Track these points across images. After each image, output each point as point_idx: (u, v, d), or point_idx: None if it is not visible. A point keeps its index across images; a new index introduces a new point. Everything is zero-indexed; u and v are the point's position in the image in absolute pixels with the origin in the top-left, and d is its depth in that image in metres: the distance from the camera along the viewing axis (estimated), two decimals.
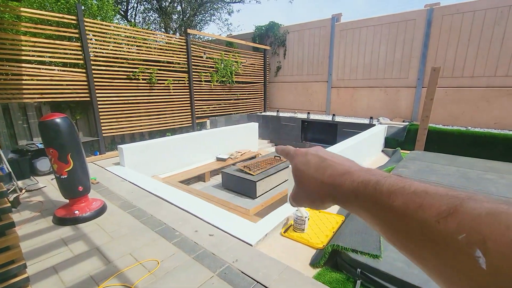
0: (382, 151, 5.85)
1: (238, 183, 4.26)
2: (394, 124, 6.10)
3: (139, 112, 5.58)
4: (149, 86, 5.63)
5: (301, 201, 0.38)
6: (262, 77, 8.73)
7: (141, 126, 5.66)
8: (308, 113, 7.59)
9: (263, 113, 8.49)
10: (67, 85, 4.54)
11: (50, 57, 4.44)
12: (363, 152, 4.89)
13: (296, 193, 0.39)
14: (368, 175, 0.30)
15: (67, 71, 4.54)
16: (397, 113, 6.85)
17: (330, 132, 6.84)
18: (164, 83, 5.87)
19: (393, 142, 5.83)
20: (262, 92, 8.87)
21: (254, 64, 8.38)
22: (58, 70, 4.46)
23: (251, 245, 2.19)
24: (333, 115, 7.16)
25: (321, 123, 7.08)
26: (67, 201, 2.73)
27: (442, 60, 6.03)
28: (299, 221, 2.43)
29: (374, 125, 6.08)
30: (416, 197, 0.24)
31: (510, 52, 5.32)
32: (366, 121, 6.44)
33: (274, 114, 8.16)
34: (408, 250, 0.25)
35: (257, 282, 1.78)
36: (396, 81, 6.76)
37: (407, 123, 5.95)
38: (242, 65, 7.88)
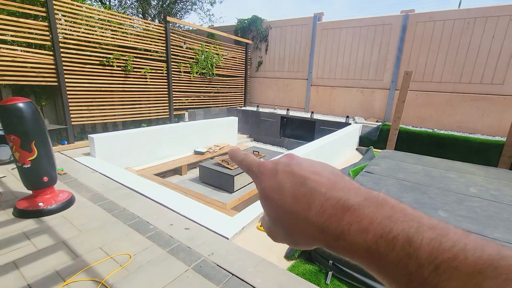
0: (357, 149, 6.10)
1: (216, 177, 4.23)
2: (368, 123, 6.37)
3: (113, 101, 5.30)
4: (124, 74, 5.36)
5: (278, 238, 0.28)
6: (243, 71, 8.67)
7: (114, 115, 5.39)
8: (288, 109, 7.69)
9: (243, 108, 8.46)
10: (31, 67, 4.19)
11: (12, 36, 4.06)
12: (339, 150, 5.07)
13: (270, 228, 0.28)
14: (387, 220, 0.20)
15: (32, 52, 4.18)
16: (371, 113, 7.15)
17: (308, 129, 6.99)
18: (140, 72, 5.62)
19: (366, 141, 6.09)
20: (243, 86, 8.82)
21: (236, 58, 8.29)
22: (21, 51, 4.10)
23: (227, 238, 2.19)
24: (312, 112, 7.32)
25: (300, 120, 7.21)
26: (30, 192, 2.55)
27: (414, 64, 6.37)
28: None
29: (350, 124, 6.31)
30: (484, 281, 0.15)
31: (474, 61, 5.75)
32: (343, 120, 6.66)
33: (254, 109, 8.16)
34: None
35: (233, 274, 1.79)
36: (371, 83, 7.03)
37: (380, 123, 6.24)
38: (223, 58, 7.76)
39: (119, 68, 5.25)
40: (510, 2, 5.32)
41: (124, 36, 5.27)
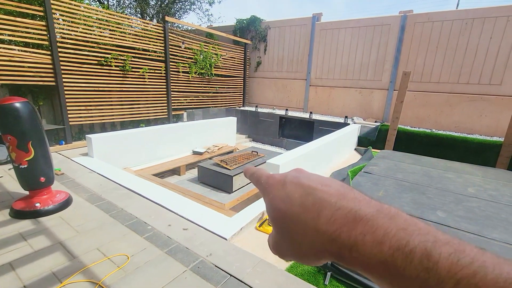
0: (355, 149, 6.10)
1: (215, 177, 4.22)
2: (367, 124, 6.38)
3: (111, 101, 5.28)
4: (123, 73, 5.34)
5: (285, 254, 0.27)
6: (242, 72, 8.66)
7: (112, 115, 5.37)
8: (286, 109, 7.69)
9: (241, 108, 8.45)
10: (29, 67, 4.16)
11: (9, 35, 4.04)
12: (338, 150, 5.07)
13: (277, 242, 0.27)
14: (402, 232, 0.19)
15: (30, 52, 4.16)
16: (370, 114, 7.16)
17: (307, 129, 6.99)
18: (139, 72, 5.60)
19: (365, 141, 6.10)
20: (242, 86, 8.81)
21: (234, 58, 8.28)
22: (18, 51, 4.07)
23: (225, 239, 2.18)
24: (311, 112, 7.32)
25: (298, 120, 7.20)
26: (27, 193, 2.53)
27: (413, 65, 6.38)
28: None
29: (349, 124, 6.31)
30: None
31: (472, 62, 5.76)
32: (341, 120, 6.66)
33: (253, 109, 8.16)
34: None
35: (231, 275, 1.78)
36: (370, 83, 7.04)
37: (378, 124, 6.25)
38: (222, 58, 7.75)
39: (117, 68, 5.23)
40: (508, 3, 5.35)
41: (122, 36, 5.25)
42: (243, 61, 8.58)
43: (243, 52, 8.51)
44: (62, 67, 4.45)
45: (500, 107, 5.60)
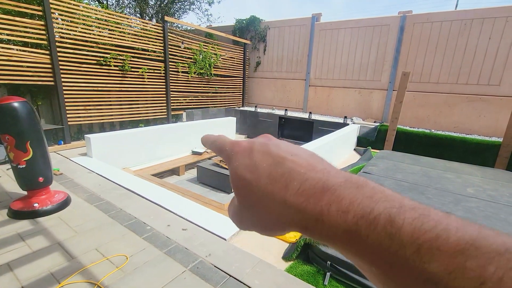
0: (354, 149, 6.10)
1: (214, 177, 4.21)
2: (366, 124, 6.38)
3: (110, 101, 5.27)
4: (122, 73, 5.33)
5: (246, 225, 0.26)
6: (241, 72, 8.66)
7: (111, 115, 5.35)
8: (286, 110, 7.69)
9: (241, 108, 8.44)
10: (27, 67, 4.15)
11: (8, 35, 4.02)
12: (337, 150, 5.07)
13: (238, 213, 0.26)
14: (367, 199, 0.19)
15: (28, 51, 4.14)
16: (369, 114, 7.17)
17: (306, 129, 6.99)
18: (138, 72, 5.59)
19: (364, 141, 6.10)
20: (241, 86, 8.80)
21: (234, 58, 8.27)
22: (17, 50, 4.05)
23: (225, 239, 2.18)
24: (310, 113, 7.32)
25: (298, 120, 7.20)
26: (25, 193, 2.52)
27: (412, 65, 6.39)
28: None
29: (348, 124, 6.31)
30: (465, 260, 0.14)
31: (470, 62, 5.78)
32: (341, 120, 6.66)
33: (252, 109, 8.15)
34: None
35: (230, 276, 1.78)
36: (369, 83, 7.05)
37: (378, 124, 6.26)
38: (222, 58, 7.74)
39: (117, 68, 5.22)
40: (507, 3, 5.36)
41: (121, 36, 5.24)
42: (242, 61, 8.58)
43: (242, 52, 8.51)
44: (61, 67, 4.44)
45: (498, 108, 5.61)
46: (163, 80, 6.14)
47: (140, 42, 5.55)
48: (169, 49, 6.11)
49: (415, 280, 0.16)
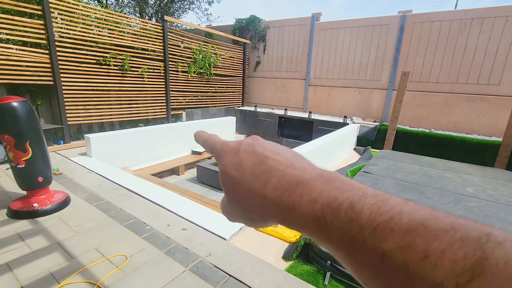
0: (354, 149, 6.10)
1: (214, 177, 4.21)
2: (366, 124, 6.38)
3: (110, 100, 5.26)
4: (121, 73, 5.32)
5: (235, 217, 0.29)
6: (241, 71, 8.65)
7: (111, 115, 5.35)
8: (286, 109, 7.68)
9: (241, 108, 8.44)
10: (27, 66, 4.14)
11: (7, 34, 4.01)
12: (337, 150, 5.07)
13: (227, 206, 0.29)
14: (334, 190, 0.21)
15: (28, 51, 4.13)
16: (369, 114, 7.16)
17: (306, 129, 6.99)
18: (137, 71, 5.58)
19: (364, 141, 6.10)
20: (241, 86, 8.80)
21: (234, 58, 8.27)
22: (16, 49, 4.04)
23: (225, 239, 2.17)
24: (310, 112, 7.32)
25: (297, 120, 7.20)
26: (25, 192, 2.51)
27: (412, 65, 6.39)
28: None
29: (348, 124, 6.31)
30: (415, 237, 0.16)
31: (470, 62, 5.78)
32: (341, 120, 6.66)
33: (252, 109, 8.15)
34: None
35: (230, 275, 1.78)
36: (369, 83, 7.05)
37: (377, 124, 6.25)
38: (221, 58, 7.73)
39: (116, 67, 5.21)
40: (506, 3, 5.36)
41: (121, 35, 5.23)
42: (242, 60, 8.57)
43: (242, 51, 8.50)
44: (60, 66, 4.43)
45: (498, 107, 5.61)
46: (163, 80, 6.13)
47: (139, 42, 5.54)
48: (169, 49, 6.10)
49: (372, 257, 0.17)
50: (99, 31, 4.97)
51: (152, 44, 5.79)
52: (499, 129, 5.48)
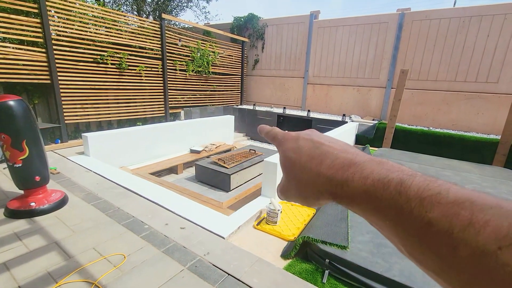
0: None
1: (212, 176, 4.20)
2: (365, 122, 6.38)
3: (107, 99, 5.24)
4: (119, 71, 5.29)
5: (290, 196, 0.32)
6: (240, 70, 8.63)
7: (109, 114, 5.32)
8: (284, 108, 7.67)
9: (239, 106, 8.42)
10: (23, 65, 4.11)
11: (3, 32, 3.98)
12: None
13: (284, 186, 0.33)
14: (385, 170, 0.23)
15: (24, 49, 4.10)
16: (367, 112, 7.16)
17: (305, 128, 6.79)
18: (135, 70, 5.55)
19: (363, 139, 6.10)
20: (239, 84, 8.77)
21: (232, 56, 8.24)
22: (13, 48, 4.01)
23: (223, 237, 2.17)
24: (308, 111, 7.31)
25: (296, 118, 7.19)
26: (22, 192, 2.50)
27: (410, 63, 6.39)
28: (272, 214, 2.45)
29: (346, 122, 6.31)
30: (460, 209, 0.18)
31: (469, 60, 5.78)
32: (339, 118, 6.66)
33: (251, 107, 8.13)
34: (448, 281, 0.18)
35: (228, 274, 1.77)
36: (368, 81, 7.04)
37: (376, 122, 6.26)
38: (220, 56, 7.71)
39: (114, 66, 5.19)
40: (505, 1, 5.35)
41: (118, 34, 5.20)
42: (240, 59, 8.54)
43: (240, 50, 8.47)
44: (57, 65, 4.41)
45: (497, 105, 5.62)
46: (161, 78, 6.11)
47: (137, 40, 5.52)
48: (167, 47, 6.07)
49: (418, 224, 0.19)
50: (96, 29, 4.94)
51: (150, 43, 5.76)
52: (498, 127, 5.49)
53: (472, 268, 0.16)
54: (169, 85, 6.29)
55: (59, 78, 4.46)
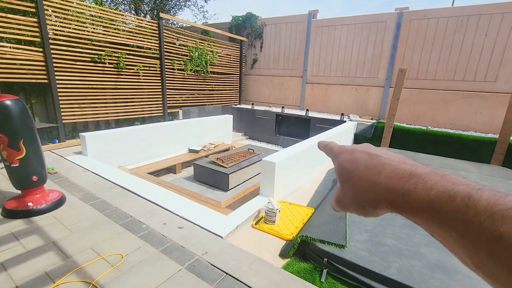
0: None
1: (211, 175, 4.20)
2: (363, 121, 6.39)
3: (105, 98, 5.22)
4: (117, 71, 5.28)
5: (347, 205, 0.32)
6: (238, 69, 8.62)
7: (107, 113, 5.31)
8: (283, 107, 7.67)
9: (238, 106, 8.41)
10: (21, 64, 4.09)
11: (1, 32, 3.95)
12: None
13: (340, 195, 0.33)
14: (450, 183, 0.23)
15: (21, 49, 4.08)
16: (366, 111, 7.17)
17: (303, 127, 6.99)
18: (133, 69, 5.53)
19: (361, 138, 6.11)
20: (238, 84, 8.76)
21: (230, 55, 8.23)
22: (10, 47, 3.99)
23: (221, 237, 2.17)
24: (307, 110, 7.31)
25: (295, 118, 7.19)
26: (19, 192, 2.49)
27: (409, 62, 6.40)
28: (270, 213, 2.45)
29: (345, 121, 6.32)
30: None
31: (467, 59, 5.79)
32: (338, 118, 6.66)
33: (249, 107, 8.12)
34: None
35: (227, 273, 1.77)
36: (366, 80, 7.05)
37: (374, 121, 6.26)
38: (218, 55, 7.69)
39: (111, 65, 5.17)
40: (503, 0, 5.36)
41: (116, 33, 5.18)
42: (239, 58, 8.53)
43: (239, 49, 8.46)
44: (54, 64, 4.39)
45: (495, 104, 5.64)
46: (159, 78, 6.09)
47: (135, 39, 5.50)
48: (165, 46, 6.05)
49: (489, 237, 0.19)
50: (94, 28, 4.92)
51: (148, 42, 5.74)
52: (495, 126, 5.51)
53: None
54: (167, 84, 6.28)
55: (57, 77, 4.44)
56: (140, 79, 5.70)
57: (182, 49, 6.59)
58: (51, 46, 4.31)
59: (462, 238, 0.21)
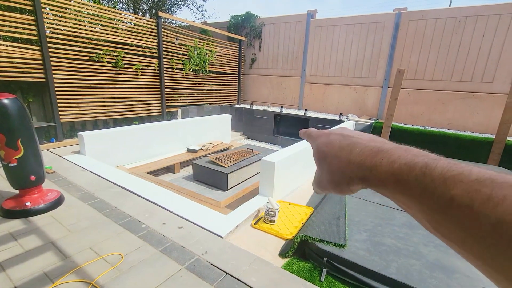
0: None
1: (210, 175, 4.19)
2: (361, 121, 6.41)
3: (103, 98, 5.19)
4: (115, 70, 5.25)
5: (324, 185, 0.35)
6: (237, 69, 8.61)
7: (105, 112, 5.28)
8: (281, 107, 7.68)
9: (236, 105, 8.40)
10: (18, 63, 4.06)
11: None
12: None
13: (318, 177, 0.36)
14: (411, 155, 0.25)
15: (19, 47, 4.05)
16: (364, 111, 7.20)
17: (302, 127, 6.95)
18: (131, 68, 5.51)
19: None
20: (236, 83, 8.76)
21: (229, 55, 8.22)
22: (7, 46, 3.96)
23: (221, 237, 2.17)
24: (306, 110, 7.32)
25: (293, 118, 7.20)
26: (17, 191, 2.47)
27: (407, 62, 6.43)
28: (270, 212, 2.46)
29: (343, 121, 6.34)
30: (481, 186, 0.19)
31: (464, 59, 5.83)
32: (336, 117, 6.68)
33: (248, 106, 8.12)
34: (470, 250, 0.20)
35: (227, 273, 1.77)
36: (365, 80, 7.07)
37: (373, 121, 6.29)
38: (217, 55, 7.68)
39: (110, 64, 5.14)
40: (500, 1, 5.41)
41: (114, 32, 5.15)
42: (238, 58, 8.52)
43: (237, 48, 8.45)
44: (52, 63, 4.36)
45: (491, 105, 5.68)
46: (157, 77, 6.07)
47: (133, 38, 5.47)
48: (163, 46, 6.03)
49: (442, 201, 0.21)
50: (92, 27, 4.89)
51: (146, 41, 5.72)
52: (492, 126, 5.56)
53: (491, 236, 0.18)
54: (165, 83, 6.26)
55: (54, 76, 4.41)
56: (139, 78, 5.68)
57: (181, 48, 6.57)
58: (49, 45, 4.28)
59: (421, 204, 0.23)
